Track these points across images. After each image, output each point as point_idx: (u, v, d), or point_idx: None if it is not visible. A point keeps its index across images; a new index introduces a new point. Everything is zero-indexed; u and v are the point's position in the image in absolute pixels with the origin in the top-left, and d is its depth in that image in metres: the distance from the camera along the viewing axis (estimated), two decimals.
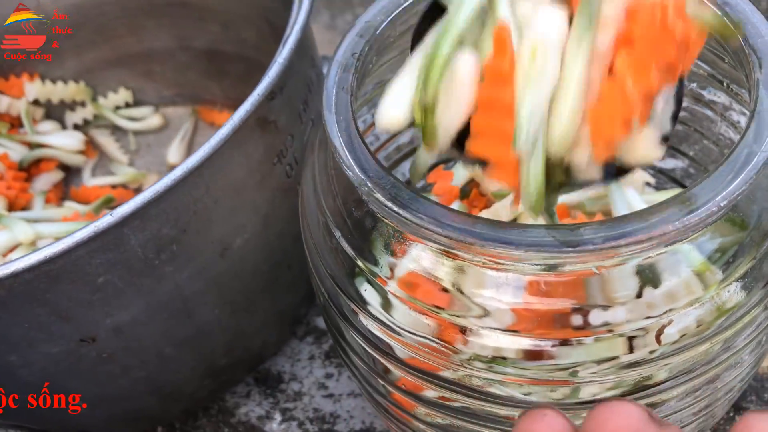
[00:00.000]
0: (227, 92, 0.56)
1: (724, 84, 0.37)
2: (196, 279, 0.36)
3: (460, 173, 0.45)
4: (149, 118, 0.58)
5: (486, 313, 0.29)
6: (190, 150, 0.56)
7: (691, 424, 0.34)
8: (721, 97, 0.39)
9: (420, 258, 0.29)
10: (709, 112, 0.40)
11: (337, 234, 0.30)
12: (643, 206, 0.27)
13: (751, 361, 0.32)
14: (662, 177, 0.45)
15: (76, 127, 0.57)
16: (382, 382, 0.32)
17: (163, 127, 0.58)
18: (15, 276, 0.30)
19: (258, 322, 0.43)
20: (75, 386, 0.37)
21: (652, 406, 0.32)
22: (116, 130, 0.58)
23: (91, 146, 0.57)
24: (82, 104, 0.57)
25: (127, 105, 0.58)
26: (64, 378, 0.37)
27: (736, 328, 0.30)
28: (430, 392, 0.31)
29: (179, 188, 0.32)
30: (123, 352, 0.37)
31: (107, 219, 0.30)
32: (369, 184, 0.27)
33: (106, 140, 0.57)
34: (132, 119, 0.57)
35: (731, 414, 0.41)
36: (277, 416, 0.45)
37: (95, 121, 0.57)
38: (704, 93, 0.40)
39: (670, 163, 0.45)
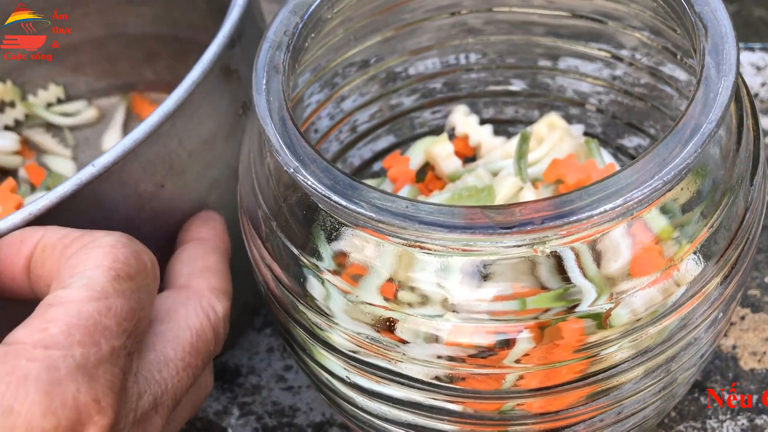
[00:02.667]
0: (162, 75, 0.54)
1: (678, 56, 0.36)
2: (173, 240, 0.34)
3: (417, 157, 0.44)
4: (84, 112, 0.56)
5: (430, 302, 0.28)
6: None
7: (652, 405, 0.33)
8: (679, 74, 0.38)
9: (360, 246, 0.28)
10: (667, 89, 0.40)
11: (273, 223, 0.29)
12: None
13: (708, 339, 0.31)
14: (624, 155, 0.44)
15: (8, 128, 0.54)
16: (327, 376, 0.31)
17: (100, 120, 0.56)
18: None
19: None
20: None
21: (610, 389, 0.31)
22: (51, 127, 0.56)
23: (27, 146, 0.55)
24: (12, 104, 0.54)
25: (59, 101, 0.55)
26: None
27: (692, 304, 0.29)
28: (379, 385, 0.30)
29: (153, 139, 0.30)
30: None
31: (89, 170, 0.29)
32: (301, 169, 0.26)
33: (42, 138, 0.55)
34: (66, 115, 0.55)
35: (695, 395, 0.40)
36: (235, 411, 0.44)
37: (28, 121, 0.55)
38: (663, 69, 0.39)
39: (634, 141, 0.44)
